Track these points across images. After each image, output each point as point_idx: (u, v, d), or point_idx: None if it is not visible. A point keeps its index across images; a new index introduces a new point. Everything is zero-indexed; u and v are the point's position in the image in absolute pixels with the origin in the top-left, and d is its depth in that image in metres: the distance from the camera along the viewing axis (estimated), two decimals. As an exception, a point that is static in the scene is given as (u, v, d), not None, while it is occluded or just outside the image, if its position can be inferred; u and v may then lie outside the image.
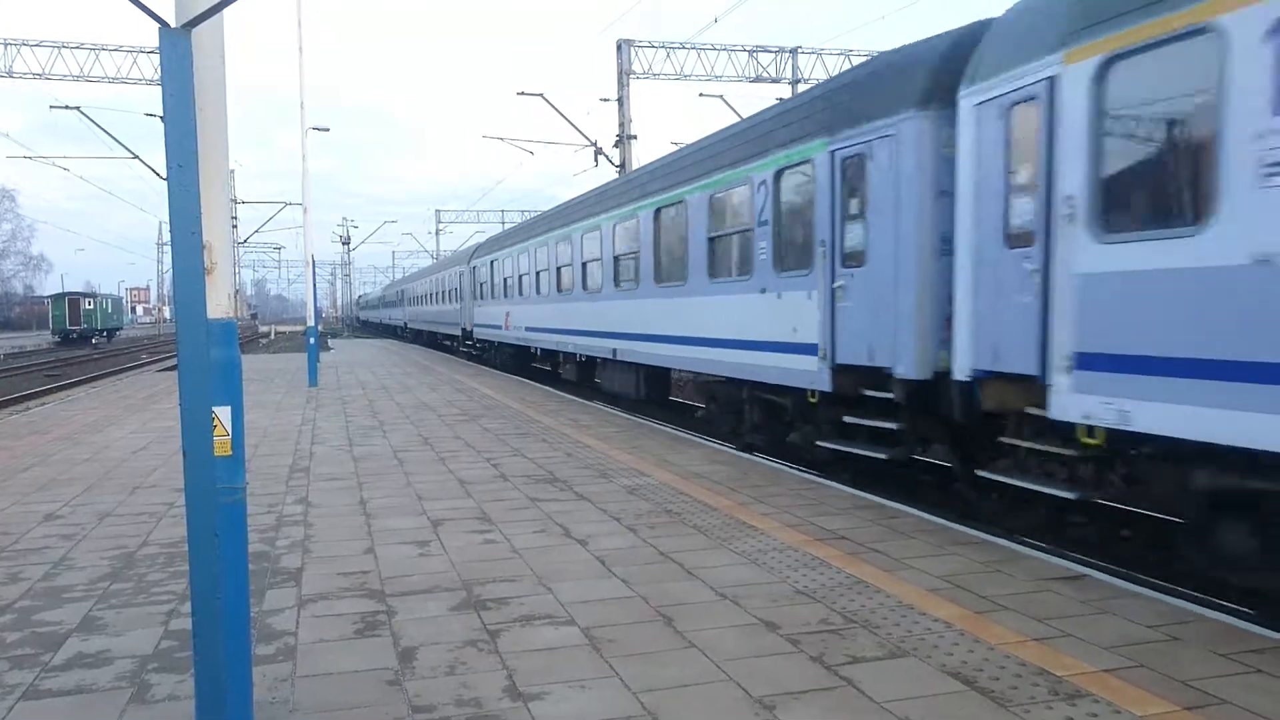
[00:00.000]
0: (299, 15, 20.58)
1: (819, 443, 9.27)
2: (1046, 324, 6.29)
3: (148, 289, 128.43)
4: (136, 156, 32.59)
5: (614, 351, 15.53)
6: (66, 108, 28.34)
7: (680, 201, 12.44)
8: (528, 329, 22.15)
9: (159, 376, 24.43)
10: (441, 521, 7.03)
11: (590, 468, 9.29)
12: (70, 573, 5.76)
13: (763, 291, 10.17)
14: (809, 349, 9.19)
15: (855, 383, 8.66)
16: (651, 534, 6.55)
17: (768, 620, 4.73)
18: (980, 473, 7.38)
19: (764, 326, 10.13)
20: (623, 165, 26.66)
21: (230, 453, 3.22)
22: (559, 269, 19.25)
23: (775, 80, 28.63)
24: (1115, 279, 5.74)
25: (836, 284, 8.75)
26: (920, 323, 7.73)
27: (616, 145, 27.25)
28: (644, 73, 27.30)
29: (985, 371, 7.02)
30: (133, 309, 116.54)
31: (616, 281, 15.34)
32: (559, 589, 5.30)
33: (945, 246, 7.53)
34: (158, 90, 3.05)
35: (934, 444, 8.57)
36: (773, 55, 28.61)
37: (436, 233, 74.71)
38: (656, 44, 27.47)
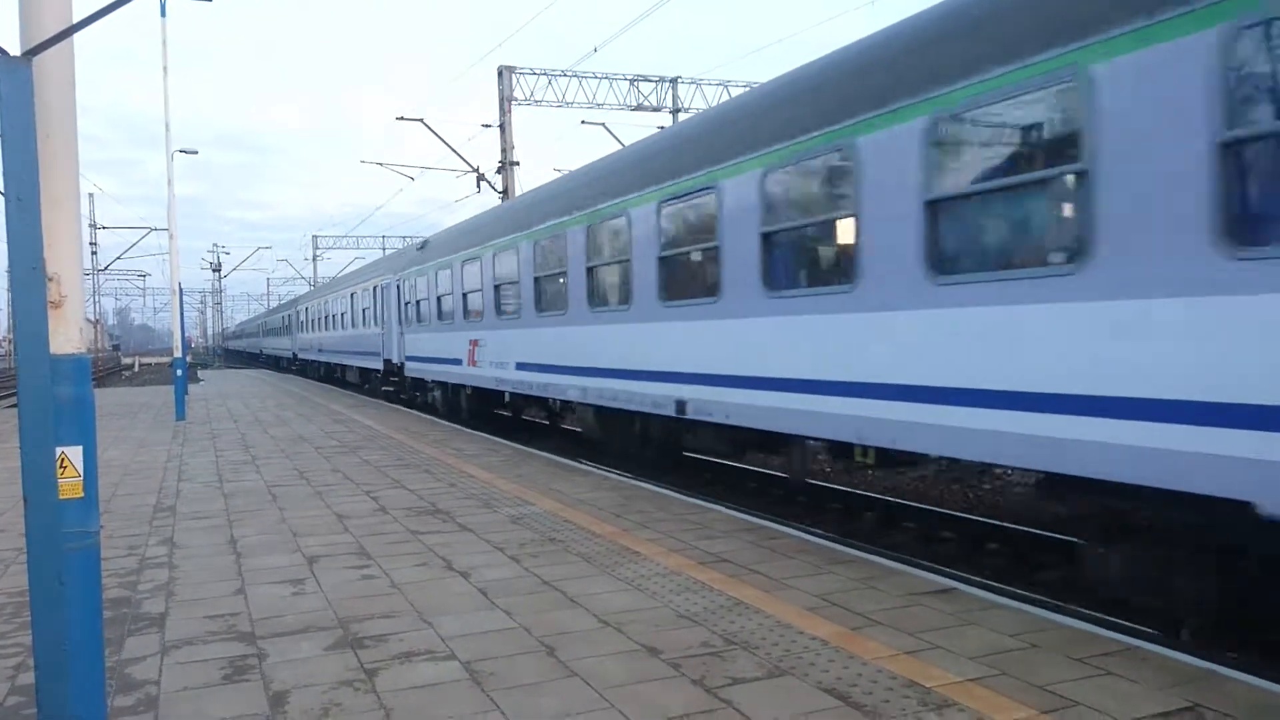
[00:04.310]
0: (164, 35, 19.83)
1: None
2: None
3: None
4: (-17, 179, 30.56)
5: None
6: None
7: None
8: None
9: (6, 413, 22.88)
10: (317, 558, 6.81)
11: (474, 498, 9.17)
12: (-97, 628, 5.32)
13: None
14: None
15: None
16: (535, 563, 6.50)
17: (650, 645, 4.76)
18: None
19: None
20: (505, 191, 26.56)
21: (82, 495, 3.05)
22: None
23: (656, 109, 29.02)
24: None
25: None
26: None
27: (499, 171, 27.16)
28: (526, 99, 27.26)
29: None
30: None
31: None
32: (440, 623, 5.20)
33: None
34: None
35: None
36: (654, 84, 29.04)
37: (314, 259, 72.54)
38: (538, 71, 27.51)
